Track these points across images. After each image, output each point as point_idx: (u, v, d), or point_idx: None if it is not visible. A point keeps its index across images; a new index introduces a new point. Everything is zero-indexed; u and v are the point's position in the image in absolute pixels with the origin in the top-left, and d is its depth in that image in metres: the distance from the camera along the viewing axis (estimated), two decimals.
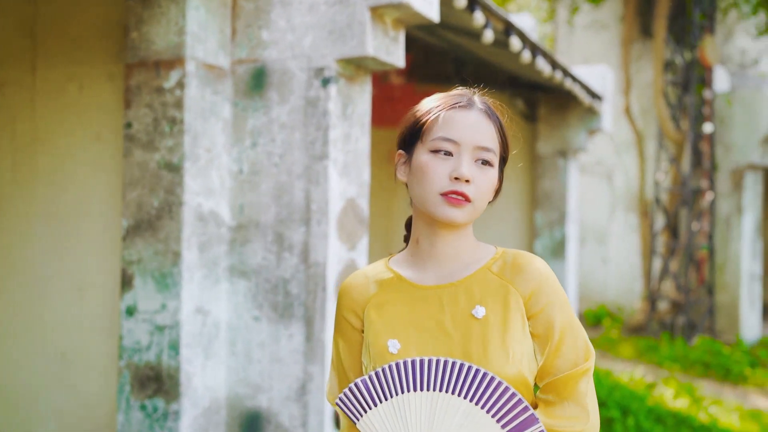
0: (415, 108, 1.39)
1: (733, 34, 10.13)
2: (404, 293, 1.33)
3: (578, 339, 1.31)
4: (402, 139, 1.39)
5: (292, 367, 2.80)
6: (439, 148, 1.29)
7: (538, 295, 1.29)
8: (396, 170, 1.40)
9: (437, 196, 1.28)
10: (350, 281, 1.40)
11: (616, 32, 9.46)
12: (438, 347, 1.26)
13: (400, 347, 1.27)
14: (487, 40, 3.50)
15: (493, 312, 1.27)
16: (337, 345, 1.40)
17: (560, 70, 4.70)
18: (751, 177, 8.51)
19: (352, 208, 2.88)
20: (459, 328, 1.27)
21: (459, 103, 1.33)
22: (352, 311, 1.37)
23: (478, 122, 1.31)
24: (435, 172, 1.28)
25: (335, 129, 2.77)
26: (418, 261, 1.35)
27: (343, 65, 2.78)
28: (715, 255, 8.52)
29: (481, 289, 1.29)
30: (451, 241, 1.33)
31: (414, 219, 1.38)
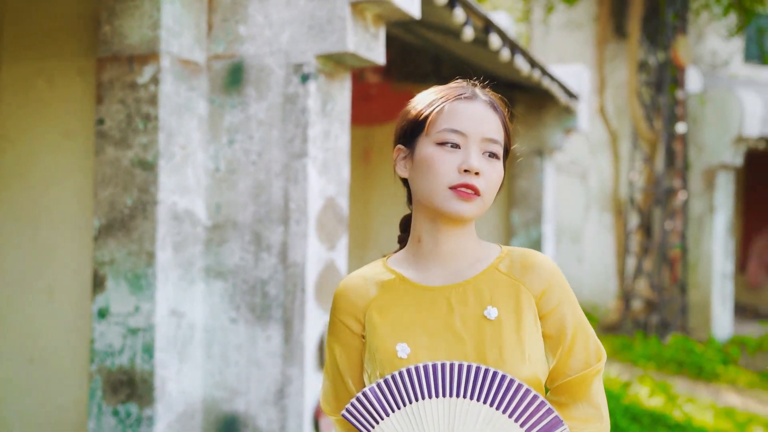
0: (414, 101, 1.34)
1: (705, 35, 10.24)
2: (408, 295, 1.26)
3: (589, 339, 1.28)
4: (402, 132, 1.32)
5: (270, 369, 2.74)
6: (446, 140, 1.23)
7: (550, 293, 1.25)
8: (395, 166, 1.33)
9: (446, 190, 1.22)
10: (347, 283, 1.32)
11: (590, 32, 9.51)
12: (450, 351, 1.20)
13: (410, 352, 1.20)
14: (467, 38, 3.46)
15: (506, 313, 1.22)
16: (333, 351, 1.32)
17: (538, 69, 4.69)
18: (723, 177, 8.60)
19: (332, 207, 2.83)
20: (471, 330, 1.21)
21: (463, 94, 1.27)
22: (351, 315, 1.29)
23: (483, 113, 1.25)
24: (443, 164, 1.22)
25: (314, 126, 2.71)
26: (420, 260, 1.29)
27: (322, 61, 2.73)
28: (688, 254, 8.61)
29: (491, 289, 1.24)
30: (455, 239, 1.27)
31: (415, 216, 1.31)
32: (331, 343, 1.33)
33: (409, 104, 1.34)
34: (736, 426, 5.42)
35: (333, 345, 1.32)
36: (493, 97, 1.32)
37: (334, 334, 1.32)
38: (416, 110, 1.30)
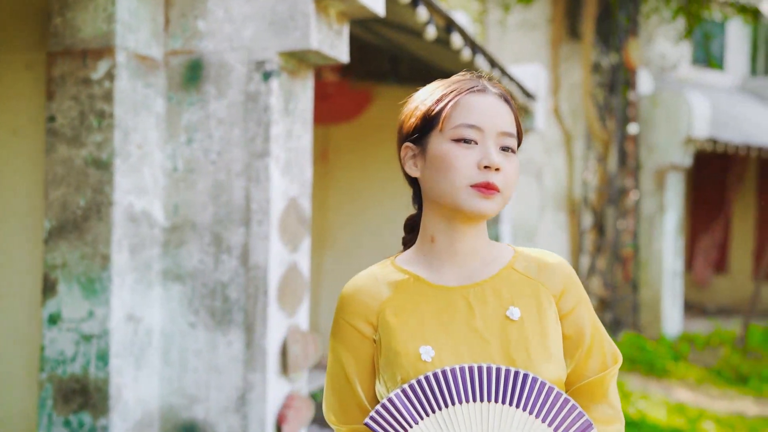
0: (418, 97, 1.26)
1: (654, 38, 10.46)
2: (425, 295, 1.20)
3: (605, 340, 1.26)
4: (410, 130, 1.25)
5: (231, 375, 2.66)
6: (462, 136, 1.17)
7: (569, 294, 1.23)
8: (403, 165, 1.27)
9: (467, 188, 1.16)
10: (356, 285, 1.25)
11: (545, 33, 9.61)
12: (475, 352, 1.15)
13: (434, 354, 1.14)
14: (429, 37, 3.44)
15: (528, 313, 1.19)
16: (340, 357, 1.23)
17: (498, 69, 4.69)
18: (673, 177, 8.79)
19: (294, 208, 2.76)
20: (494, 331, 1.17)
21: (475, 87, 1.21)
22: (362, 318, 1.21)
23: (497, 107, 1.21)
24: (461, 162, 1.16)
25: (277, 125, 2.64)
26: (433, 261, 1.23)
27: (285, 59, 2.66)
28: (640, 253, 8.77)
29: (510, 289, 1.20)
30: (471, 238, 1.22)
31: (427, 215, 1.25)
32: (336, 348, 1.24)
33: (412, 101, 1.27)
34: (688, 421, 5.54)
35: (340, 351, 1.24)
36: (501, 88, 1.27)
37: (341, 338, 1.24)
38: (426, 106, 1.23)
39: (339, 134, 6.61)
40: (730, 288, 11.57)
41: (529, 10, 9.63)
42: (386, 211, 6.62)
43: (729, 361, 7.46)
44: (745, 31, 12.19)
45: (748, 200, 11.60)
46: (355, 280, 1.26)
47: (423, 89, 1.27)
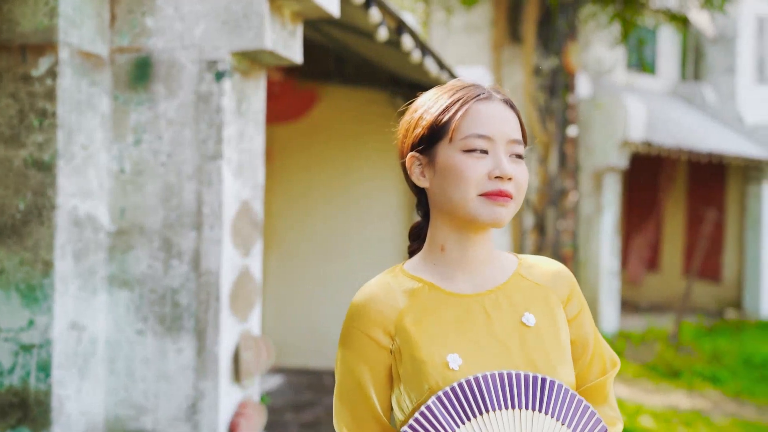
0: (421, 106, 1.24)
1: (592, 43, 10.72)
2: (443, 303, 1.19)
3: (604, 345, 1.29)
4: (416, 140, 1.22)
5: (182, 384, 2.58)
6: (473, 147, 1.17)
7: (573, 299, 1.25)
8: (410, 175, 1.24)
9: (478, 198, 1.16)
10: (371, 293, 1.21)
11: (487, 36, 9.72)
12: (499, 359, 1.15)
13: (462, 362, 1.13)
14: (381, 38, 3.42)
15: (542, 319, 1.20)
16: (354, 368, 1.19)
17: (447, 71, 4.71)
18: (610, 178, 9.02)
19: (247, 212, 2.70)
20: (513, 338, 1.17)
21: (481, 95, 1.20)
22: (379, 327, 1.18)
23: (504, 114, 1.20)
24: (473, 172, 1.16)
25: (229, 126, 2.58)
26: (444, 269, 1.22)
27: (238, 59, 2.59)
28: (579, 252, 8.97)
29: (522, 296, 1.21)
30: (482, 246, 1.22)
31: (436, 225, 1.23)
32: (351, 361, 1.20)
33: (415, 110, 1.25)
34: (626, 416, 5.68)
35: (355, 363, 1.20)
36: (503, 91, 1.26)
37: (356, 350, 1.20)
38: (432, 115, 1.20)
39: (284, 135, 6.53)
40: (662, 285, 11.97)
41: (472, 12, 9.73)
42: (333, 213, 6.57)
43: (663, 357, 7.71)
44: (676, 38, 12.62)
45: (678, 201, 12.02)
46: (368, 289, 1.22)
47: (424, 97, 1.25)
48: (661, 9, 10.76)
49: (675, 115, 10.80)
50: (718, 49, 12.54)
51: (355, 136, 6.65)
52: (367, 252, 6.50)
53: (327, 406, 5.54)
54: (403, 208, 6.54)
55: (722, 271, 11.29)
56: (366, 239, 6.51)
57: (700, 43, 12.76)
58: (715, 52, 12.56)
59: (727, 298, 11.23)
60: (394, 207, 6.55)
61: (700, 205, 11.52)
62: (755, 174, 10.84)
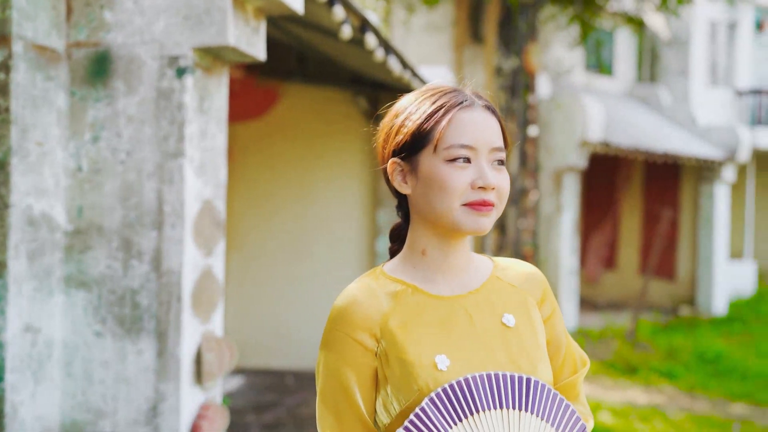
0: (403, 111, 1.24)
1: (552, 44, 10.85)
2: (426, 305, 1.20)
3: (574, 344, 1.33)
4: (397, 146, 1.23)
5: (142, 386, 2.53)
6: (456, 156, 1.18)
7: (546, 301, 1.28)
8: (392, 181, 1.24)
9: (460, 207, 1.18)
10: (355, 296, 1.21)
11: (449, 36, 9.76)
12: (484, 360, 1.17)
13: (449, 363, 1.15)
14: (344, 36, 3.39)
15: (521, 319, 1.23)
16: (338, 372, 1.19)
17: (409, 70, 4.71)
18: (570, 178, 9.14)
19: (209, 211, 2.65)
20: (495, 339, 1.19)
21: (464, 102, 1.20)
22: (365, 330, 1.18)
23: (486, 121, 1.20)
24: (456, 182, 1.17)
25: (191, 124, 2.53)
26: (425, 272, 1.23)
27: (200, 55, 2.55)
28: (539, 251, 9.07)
29: (500, 298, 1.24)
30: (462, 251, 1.24)
31: (417, 229, 1.24)
32: (335, 364, 1.19)
33: (397, 115, 1.24)
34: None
35: (339, 366, 1.19)
36: (484, 96, 1.26)
37: (340, 353, 1.19)
38: (415, 123, 1.21)
39: (245, 133, 6.45)
40: (619, 283, 12.18)
41: (434, 12, 9.76)
42: (295, 213, 6.52)
43: (621, 354, 7.84)
44: (632, 40, 12.85)
45: (634, 200, 12.24)
46: (350, 292, 1.22)
47: (405, 101, 1.25)
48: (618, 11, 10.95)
49: (631, 116, 11.00)
50: (672, 52, 12.81)
51: (318, 136, 6.61)
52: (330, 252, 6.47)
53: (289, 407, 5.50)
54: (367, 208, 6.53)
55: (676, 269, 11.54)
56: (329, 239, 6.48)
57: (656, 46, 13.02)
58: (670, 54, 12.83)
59: (681, 295, 11.48)
60: (357, 207, 6.53)
61: (655, 204, 11.76)
62: (708, 174, 11.11)
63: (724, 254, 11.29)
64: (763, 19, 13.85)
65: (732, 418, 5.83)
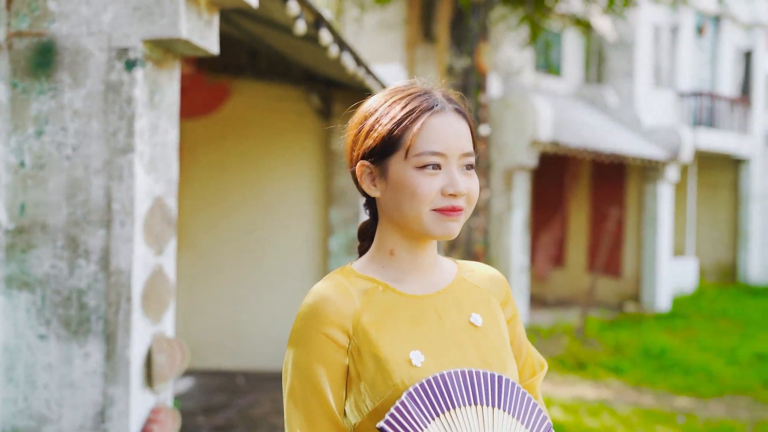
0: (373, 113, 1.22)
1: (502, 44, 10.96)
2: (397, 303, 1.21)
3: (532, 347, 1.36)
4: (366, 150, 1.22)
5: (88, 391, 2.43)
6: (427, 163, 1.18)
7: (508, 302, 1.31)
8: (360, 183, 1.24)
9: (430, 212, 1.19)
10: (326, 292, 1.20)
11: (400, 34, 9.77)
12: (455, 357, 1.18)
13: (423, 360, 1.16)
14: (299, 32, 3.34)
15: (488, 319, 1.25)
16: (313, 372, 1.17)
17: (363, 68, 4.68)
18: (520, 176, 9.25)
19: (160, 208, 2.57)
20: (464, 337, 1.21)
21: (434, 107, 1.20)
22: (338, 326, 1.17)
23: (457, 127, 1.20)
24: (427, 189, 1.18)
25: (141, 119, 2.45)
26: (394, 271, 1.24)
27: (150, 47, 2.47)
28: (490, 249, 9.15)
29: (468, 298, 1.26)
30: (430, 252, 1.26)
31: (385, 230, 1.25)
32: (306, 361, 1.17)
33: (366, 117, 1.23)
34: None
35: (310, 363, 1.17)
36: (457, 99, 1.27)
37: (312, 350, 1.17)
38: (385, 128, 1.20)
39: (195, 130, 6.33)
40: (567, 281, 12.39)
41: (386, 10, 9.75)
42: (246, 211, 6.42)
43: (570, 350, 7.97)
44: (580, 42, 13.09)
45: (582, 199, 12.47)
46: (321, 288, 1.21)
47: (374, 102, 1.24)
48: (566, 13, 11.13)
49: (579, 116, 11.19)
50: (618, 54, 13.10)
51: (270, 133, 6.52)
52: (281, 250, 6.40)
53: (240, 409, 5.42)
54: (319, 206, 6.47)
55: (622, 266, 11.80)
56: (280, 237, 6.40)
57: (602, 48, 13.29)
58: (616, 56, 13.11)
59: (626, 292, 11.75)
60: (310, 205, 6.47)
61: (602, 203, 12.00)
62: (652, 174, 11.38)
63: (668, 252, 11.59)
64: (703, 24, 14.28)
65: (676, 411, 5.98)
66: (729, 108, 14.41)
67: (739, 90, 15.22)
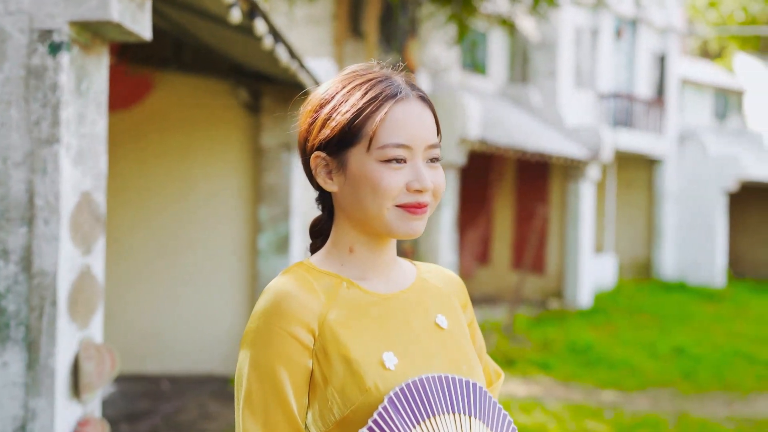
0: (329, 100, 1.11)
1: (429, 42, 11.00)
2: (362, 301, 1.12)
3: (488, 356, 1.32)
4: (323, 141, 1.11)
5: (7, 404, 2.23)
6: (391, 157, 1.09)
7: (468, 306, 1.25)
8: (315, 176, 1.14)
9: (393, 209, 1.10)
10: (289, 288, 1.09)
11: (329, 29, 9.65)
12: (428, 361, 1.11)
13: (397, 362, 1.08)
14: (234, 21, 3.20)
15: (452, 321, 1.18)
16: (273, 372, 1.06)
17: (297, 61, 4.55)
18: (449, 175, 9.28)
19: (88, 204, 2.39)
20: (432, 339, 1.14)
21: (398, 94, 1.10)
22: (303, 325, 1.07)
23: (422, 116, 1.12)
24: (392, 184, 1.09)
25: (68, 107, 2.26)
26: (354, 270, 1.15)
27: (77, 30, 2.28)
28: (419, 247, 9.16)
29: (431, 299, 1.19)
30: (391, 249, 1.18)
31: (343, 227, 1.16)
32: (267, 363, 1.06)
33: (322, 104, 1.12)
34: None
35: (272, 365, 1.06)
36: (416, 83, 1.16)
37: (274, 350, 1.06)
38: (344, 117, 1.09)
39: (116, 124, 6.02)
40: (493, 278, 12.56)
41: (314, 5, 9.61)
42: (169, 208, 6.18)
43: (499, 347, 8.05)
44: (505, 41, 13.30)
45: (507, 197, 12.67)
46: (281, 283, 1.10)
47: (331, 88, 1.12)
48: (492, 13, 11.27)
49: (505, 115, 11.35)
50: (541, 55, 13.37)
51: (195, 128, 6.29)
52: (207, 249, 6.18)
53: (165, 415, 5.20)
54: (247, 203, 6.29)
55: (546, 263, 12.05)
56: (206, 236, 6.19)
57: (526, 48, 13.54)
58: (539, 57, 13.39)
59: (550, 288, 12.01)
60: (237, 202, 6.28)
61: (526, 201, 12.22)
62: (574, 173, 11.67)
63: (590, 249, 11.91)
64: (621, 27, 14.77)
65: (604, 406, 6.11)
66: (645, 109, 14.96)
67: (655, 92, 15.83)
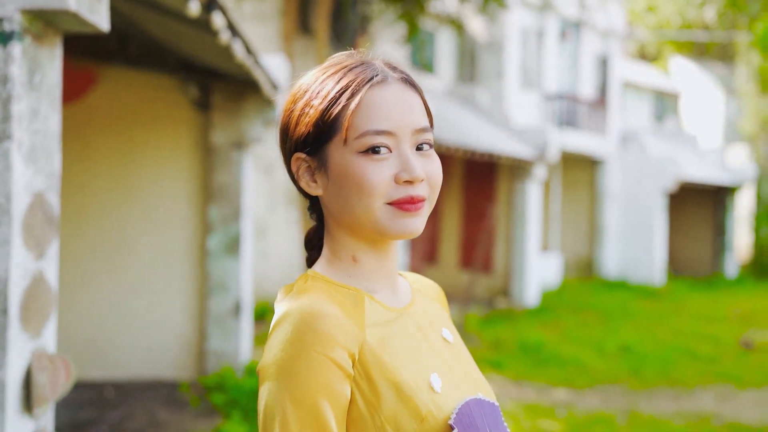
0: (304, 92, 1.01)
1: (379, 40, 10.95)
2: (387, 318, 1.01)
3: None
4: (300, 140, 1.01)
5: None
6: (371, 146, 0.97)
7: (449, 316, 1.19)
8: (297, 180, 1.03)
9: (384, 207, 0.98)
10: (325, 306, 0.95)
11: (277, 26, 9.49)
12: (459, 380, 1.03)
13: (441, 383, 0.99)
14: (192, 13, 3.07)
15: (454, 334, 1.11)
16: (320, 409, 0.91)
17: (253, 56, 4.43)
18: None
19: (41, 205, 2.23)
20: (448, 356, 1.05)
21: (374, 77, 0.99)
22: (344, 348, 0.93)
23: (405, 98, 1.00)
24: (375, 178, 0.97)
25: (20, 101, 2.10)
26: (363, 282, 1.03)
27: (29, 19, 2.13)
28: None
29: (432, 312, 1.11)
30: (395, 255, 1.06)
31: (338, 235, 1.03)
32: (306, 393, 0.91)
33: (295, 99, 1.02)
34: None
35: (316, 399, 0.91)
36: (401, 66, 1.05)
37: (315, 381, 0.91)
38: (318, 109, 0.99)
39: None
40: (441, 277, 12.59)
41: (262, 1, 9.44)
42: (114, 208, 5.95)
43: None
44: (453, 41, 13.36)
45: (455, 197, 12.73)
46: (312, 303, 0.95)
47: (306, 81, 1.03)
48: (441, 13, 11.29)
49: (454, 114, 11.40)
50: (488, 55, 13.49)
51: (141, 125, 6.08)
52: (154, 251, 5.97)
53: (111, 423, 4.99)
54: (196, 203, 6.11)
55: (493, 262, 12.15)
56: (153, 237, 5.98)
57: (474, 49, 13.63)
58: (487, 57, 13.50)
59: (497, 287, 12.11)
60: (186, 202, 6.09)
61: (474, 200, 12.30)
62: (521, 172, 11.79)
63: (536, 248, 12.06)
64: (565, 29, 15.02)
65: (556, 404, 6.17)
66: (588, 111, 15.26)
67: (598, 93, 16.17)
